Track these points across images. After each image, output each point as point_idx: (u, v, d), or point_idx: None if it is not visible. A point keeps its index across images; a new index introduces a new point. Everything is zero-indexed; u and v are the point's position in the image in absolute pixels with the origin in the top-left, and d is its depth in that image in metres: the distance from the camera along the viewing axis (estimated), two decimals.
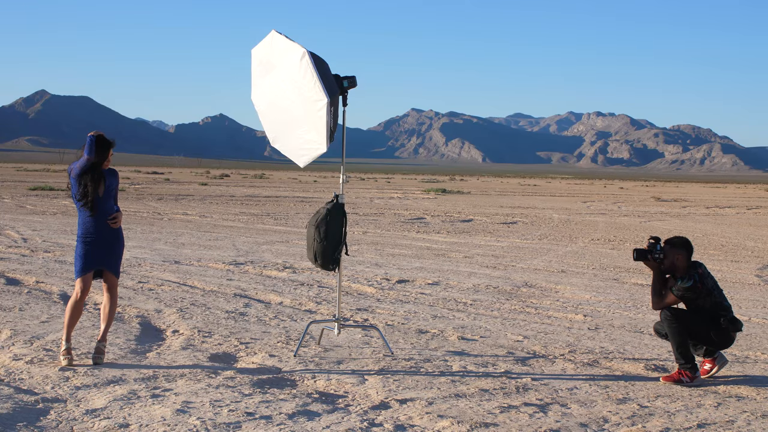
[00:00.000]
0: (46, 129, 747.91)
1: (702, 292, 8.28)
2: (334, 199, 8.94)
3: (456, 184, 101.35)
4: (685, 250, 8.40)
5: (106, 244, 8.31)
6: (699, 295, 8.27)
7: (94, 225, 8.25)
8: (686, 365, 8.14)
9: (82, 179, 8.21)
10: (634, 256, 8.56)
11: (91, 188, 8.20)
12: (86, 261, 8.26)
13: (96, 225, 8.26)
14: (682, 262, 8.38)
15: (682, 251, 8.40)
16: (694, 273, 8.30)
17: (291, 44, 8.76)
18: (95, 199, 8.22)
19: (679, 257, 8.38)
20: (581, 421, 6.79)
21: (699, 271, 8.32)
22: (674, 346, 8.21)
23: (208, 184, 70.42)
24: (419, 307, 12.18)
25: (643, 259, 8.52)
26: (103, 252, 8.29)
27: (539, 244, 22.83)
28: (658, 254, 8.45)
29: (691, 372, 8.13)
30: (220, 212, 32.63)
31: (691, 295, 8.28)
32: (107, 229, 8.32)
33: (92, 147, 8.17)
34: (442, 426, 6.53)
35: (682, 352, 8.17)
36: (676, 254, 8.39)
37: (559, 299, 13.29)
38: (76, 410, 6.68)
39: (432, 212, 36.72)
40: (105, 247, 8.30)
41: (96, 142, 8.20)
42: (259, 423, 6.49)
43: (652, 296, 8.46)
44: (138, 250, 18.08)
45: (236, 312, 11.28)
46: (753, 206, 52.84)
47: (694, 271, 8.32)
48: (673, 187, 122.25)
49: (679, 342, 8.19)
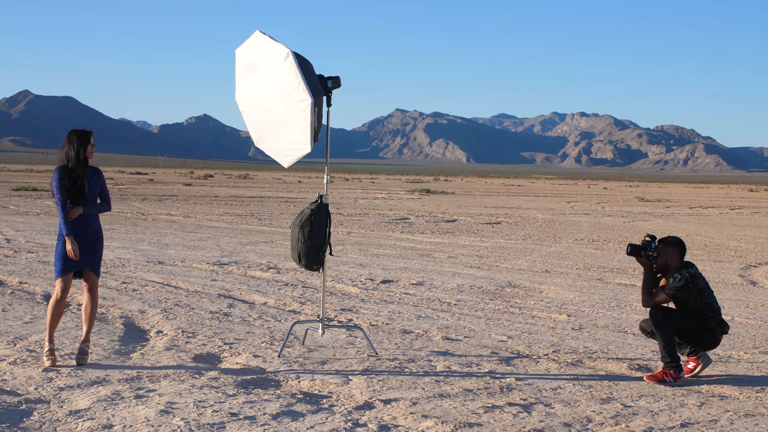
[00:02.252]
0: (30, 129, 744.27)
1: (693, 292, 8.31)
2: (319, 200, 8.94)
3: (440, 184, 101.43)
4: (678, 249, 8.45)
5: (88, 244, 8.27)
6: (690, 294, 8.30)
7: (77, 224, 8.21)
8: (672, 364, 8.16)
9: (68, 176, 8.18)
10: (628, 251, 8.59)
11: (79, 177, 8.18)
12: (67, 261, 8.22)
13: (79, 224, 8.22)
14: (675, 261, 8.42)
15: (676, 251, 8.44)
16: (686, 273, 8.33)
17: (275, 44, 8.75)
18: (82, 190, 8.18)
19: (673, 256, 8.42)
20: (565, 420, 6.81)
21: (691, 271, 8.35)
22: (661, 345, 8.24)
23: (192, 184, 70.26)
24: (403, 307, 12.19)
25: (636, 254, 8.55)
26: (84, 252, 8.25)
27: (523, 245, 22.87)
28: (652, 252, 8.48)
29: (676, 372, 8.16)
30: (204, 213, 32.57)
31: (682, 295, 8.31)
32: (88, 229, 8.28)
33: (72, 144, 8.20)
34: (427, 426, 6.54)
35: (669, 350, 8.20)
36: (669, 253, 8.43)
37: (543, 299, 13.32)
38: (60, 411, 6.66)
39: (416, 212, 36.75)
40: (86, 247, 8.25)
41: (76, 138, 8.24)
42: (243, 423, 6.48)
43: (643, 294, 8.48)
44: (122, 251, 18.02)
45: (220, 312, 11.27)
46: (736, 206, 53.09)
47: (686, 270, 8.36)
48: (657, 187, 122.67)
49: (667, 340, 8.22)
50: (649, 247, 8.51)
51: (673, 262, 8.43)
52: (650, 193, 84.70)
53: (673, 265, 8.43)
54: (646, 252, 8.52)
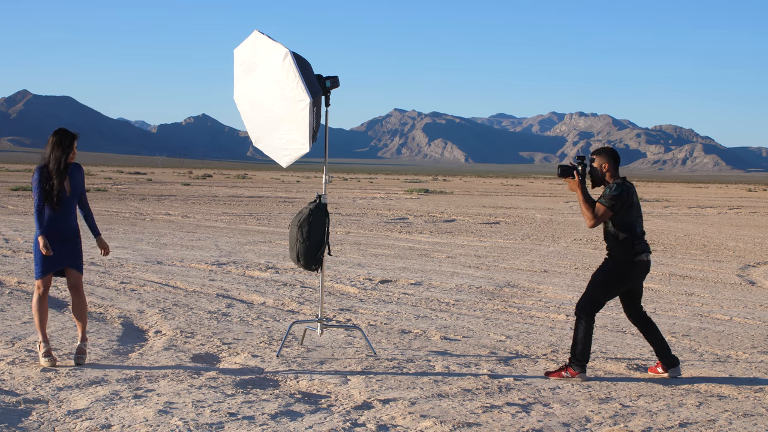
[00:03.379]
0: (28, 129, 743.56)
1: (627, 203, 8.23)
2: (317, 200, 8.94)
3: (439, 184, 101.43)
4: (611, 158, 8.38)
5: (66, 243, 8.20)
6: (624, 205, 8.20)
7: (59, 224, 8.15)
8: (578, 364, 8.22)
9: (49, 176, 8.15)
10: (558, 173, 8.48)
11: (56, 184, 8.15)
12: (46, 262, 8.15)
13: (60, 224, 8.15)
14: (609, 169, 8.35)
15: (608, 159, 8.37)
16: (622, 183, 8.27)
17: (273, 44, 8.76)
18: (60, 194, 8.15)
19: (606, 165, 8.36)
20: (564, 420, 6.82)
21: (627, 184, 8.30)
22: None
23: (190, 184, 70.22)
24: (402, 307, 12.19)
25: (567, 175, 8.44)
26: (65, 251, 8.19)
27: (522, 244, 22.88)
28: (585, 163, 8.37)
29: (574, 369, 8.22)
30: (202, 212, 32.55)
31: (619, 205, 8.18)
32: (69, 227, 8.22)
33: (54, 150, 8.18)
34: (425, 426, 6.54)
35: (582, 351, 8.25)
36: (602, 162, 8.37)
37: (541, 299, 13.33)
38: (58, 411, 6.66)
39: (415, 212, 36.74)
40: (68, 246, 8.21)
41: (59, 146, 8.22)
42: (241, 423, 6.48)
43: (585, 212, 8.28)
44: (120, 251, 18.02)
45: (219, 312, 11.27)
46: (734, 206, 53.10)
47: (623, 182, 8.31)
48: (655, 187, 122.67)
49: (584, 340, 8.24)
50: (581, 164, 8.39)
51: (608, 171, 8.36)
52: (649, 192, 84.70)
53: (607, 173, 8.36)
54: (577, 169, 8.39)
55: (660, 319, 11.71)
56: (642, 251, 8.27)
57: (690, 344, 10.07)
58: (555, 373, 8.25)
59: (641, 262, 8.29)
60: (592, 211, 8.25)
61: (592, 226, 8.33)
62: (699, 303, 13.32)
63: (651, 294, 14.06)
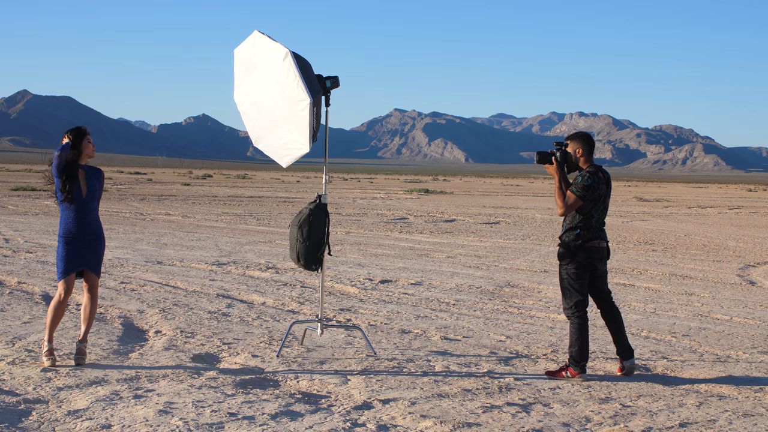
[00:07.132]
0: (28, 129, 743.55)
1: (597, 193, 8.21)
2: (317, 200, 8.94)
3: (439, 184, 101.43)
4: (585, 143, 8.36)
5: (88, 244, 8.29)
6: (593, 195, 8.17)
7: (76, 224, 8.23)
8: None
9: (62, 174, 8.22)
10: (536, 159, 8.48)
11: (69, 183, 8.20)
12: (68, 262, 8.23)
13: (77, 224, 8.24)
14: (583, 155, 8.33)
15: (582, 144, 8.35)
16: (595, 173, 8.23)
17: (274, 44, 8.76)
18: (75, 192, 8.20)
19: (579, 150, 8.33)
20: (564, 420, 6.81)
21: (600, 174, 8.26)
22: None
23: (190, 184, 70.23)
24: (402, 307, 12.19)
25: (545, 161, 8.42)
26: (85, 252, 8.27)
27: (522, 244, 22.87)
28: (561, 149, 8.36)
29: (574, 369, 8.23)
30: (202, 212, 32.55)
31: (590, 195, 8.16)
32: (88, 229, 8.29)
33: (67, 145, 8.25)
34: (425, 426, 6.54)
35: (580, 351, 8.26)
36: (576, 147, 8.35)
37: (541, 299, 13.32)
38: (58, 411, 6.66)
39: (415, 212, 36.74)
40: (86, 247, 8.28)
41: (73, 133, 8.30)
42: (241, 423, 6.48)
43: (557, 200, 8.29)
44: (120, 251, 18.02)
45: (219, 312, 11.27)
46: (734, 206, 53.11)
47: (596, 170, 8.28)
48: (656, 187, 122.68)
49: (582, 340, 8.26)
50: (559, 150, 8.37)
51: (581, 156, 8.34)
52: (649, 192, 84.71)
53: (581, 158, 8.34)
54: (555, 155, 8.37)
55: (660, 319, 11.71)
56: (591, 238, 8.24)
57: (690, 344, 10.06)
58: (555, 373, 8.26)
59: (593, 248, 8.26)
60: (563, 200, 8.26)
61: (562, 214, 8.30)
62: (699, 303, 13.32)
63: (651, 294, 14.06)
